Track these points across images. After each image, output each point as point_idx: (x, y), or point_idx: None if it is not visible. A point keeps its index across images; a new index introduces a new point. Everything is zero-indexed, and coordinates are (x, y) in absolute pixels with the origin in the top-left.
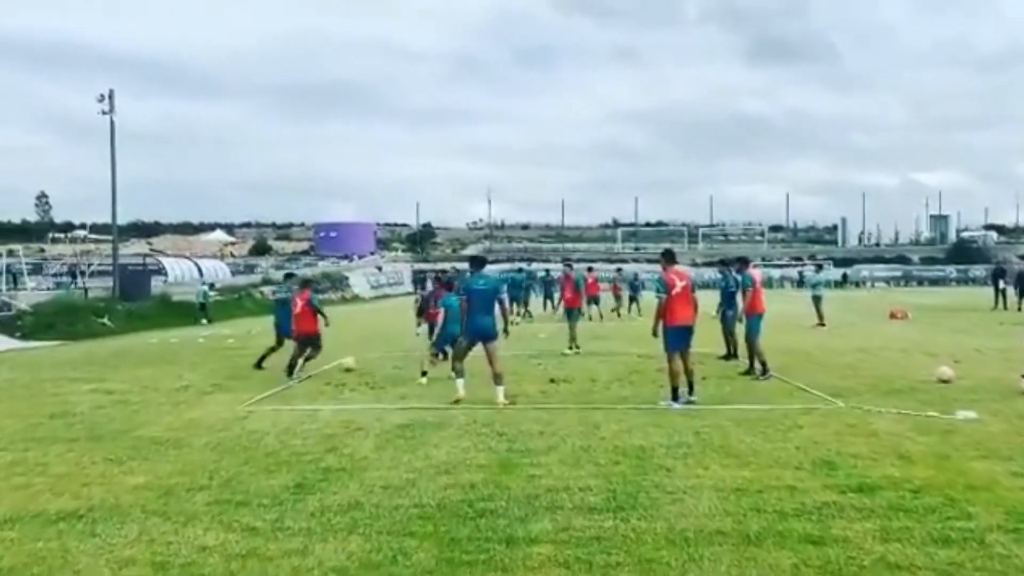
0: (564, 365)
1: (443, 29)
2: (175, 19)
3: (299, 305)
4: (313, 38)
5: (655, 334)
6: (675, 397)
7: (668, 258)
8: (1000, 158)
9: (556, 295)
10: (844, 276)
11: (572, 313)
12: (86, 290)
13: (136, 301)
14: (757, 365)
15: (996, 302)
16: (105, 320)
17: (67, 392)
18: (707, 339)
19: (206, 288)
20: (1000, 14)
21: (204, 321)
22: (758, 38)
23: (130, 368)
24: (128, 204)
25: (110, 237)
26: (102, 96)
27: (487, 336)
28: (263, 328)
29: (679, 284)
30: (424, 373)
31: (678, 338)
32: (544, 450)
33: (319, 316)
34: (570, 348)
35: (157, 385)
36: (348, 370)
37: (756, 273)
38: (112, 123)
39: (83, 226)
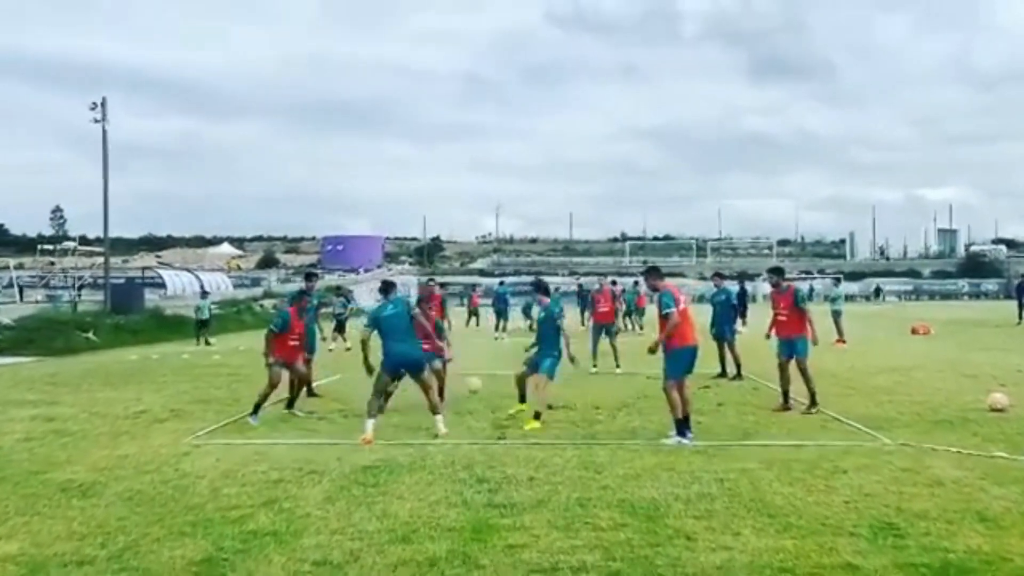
0: (565, 388)
1: (451, 49)
2: (193, 40)
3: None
4: (325, 58)
5: (652, 351)
6: (680, 430)
7: (658, 273)
8: (1003, 173)
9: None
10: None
11: (609, 328)
12: (75, 303)
13: (127, 315)
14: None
15: (1020, 317)
16: (90, 335)
17: (2, 420)
18: (714, 355)
19: (206, 302)
20: (1000, 30)
21: (204, 342)
22: (759, 56)
23: (92, 389)
24: (142, 218)
25: (102, 249)
26: (94, 104)
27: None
28: (254, 343)
29: (683, 300)
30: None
31: (687, 362)
32: (532, 504)
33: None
34: (617, 366)
35: (109, 410)
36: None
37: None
38: (104, 131)
39: (73, 238)
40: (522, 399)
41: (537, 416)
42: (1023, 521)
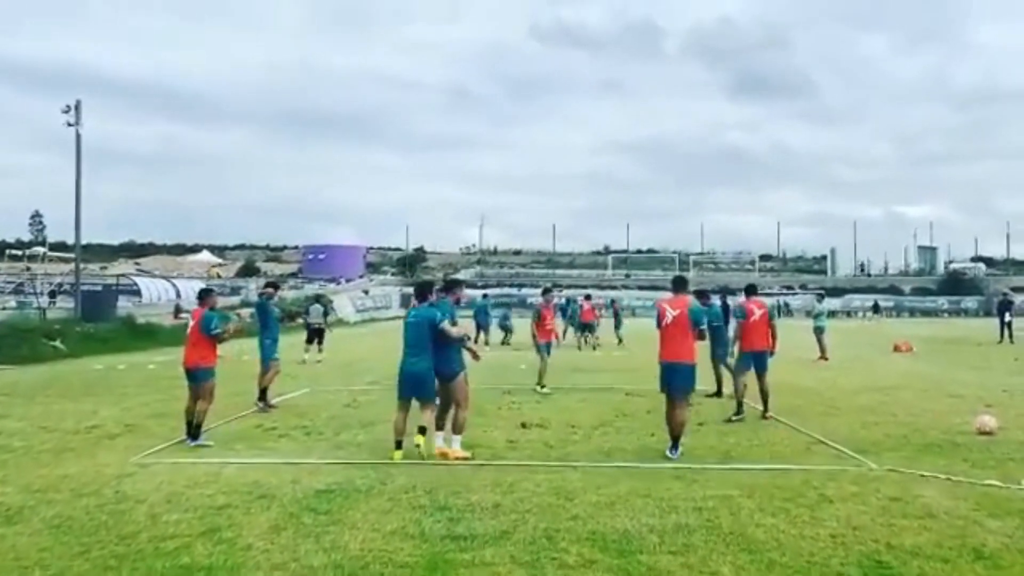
0: (541, 405)
1: (436, 61)
2: (176, 46)
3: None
4: (311, 67)
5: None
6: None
7: (674, 286)
8: (982, 192)
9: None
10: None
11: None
12: (43, 310)
13: (97, 323)
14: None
15: (1001, 335)
16: (57, 343)
17: None
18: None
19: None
20: (978, 50)
21: None
22: (739, 74)
23: (47, 401)
24: (122, 225)
25: (72, 255)
26: (68, 107)
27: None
28: (224, 352)
29: (669, 314)
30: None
31: (663, 377)
32: (495, 536)
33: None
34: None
35: (60, 424)
36: None
37: (753, 304)
38: (78, 135)
39: (43, 243)
40: (422, 430)
41: (423, 431)
42: (1023, 559)
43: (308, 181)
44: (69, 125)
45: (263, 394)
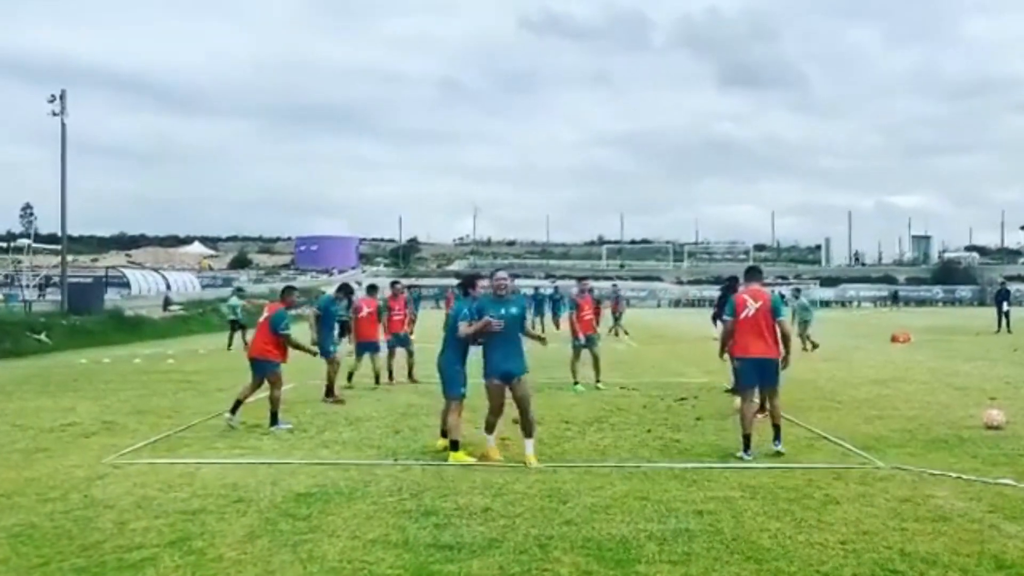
0: (534, 401)
1: (428, 54)
2: (170, 40)
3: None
4: (303, 61)
5: (721, 357)
6: (746, 447)
7: (748, 276)
8: (974, 182)
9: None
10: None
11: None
12: (28, 303)
13: (84, 315)
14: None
15: (999, 325)
16: (42, 336)
17: None
18: (693, 363)
19: (237, 301)
20: (968, 42)
21: (242, 341)
22: (728, 65)
23: (25, 397)
24: (115, 217)
25: (59, 247)
26: (53, 97)
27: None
28: (216, 346)
29: (751, 306)
30: None
31: (750, 374)
32: (483, 545)
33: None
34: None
35: (34, 422)
36: None
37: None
38: (63, 125)
39: (27, 235)
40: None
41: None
42: None
43: (301, 173)
44: (54, 115)
45: (330, 390)
